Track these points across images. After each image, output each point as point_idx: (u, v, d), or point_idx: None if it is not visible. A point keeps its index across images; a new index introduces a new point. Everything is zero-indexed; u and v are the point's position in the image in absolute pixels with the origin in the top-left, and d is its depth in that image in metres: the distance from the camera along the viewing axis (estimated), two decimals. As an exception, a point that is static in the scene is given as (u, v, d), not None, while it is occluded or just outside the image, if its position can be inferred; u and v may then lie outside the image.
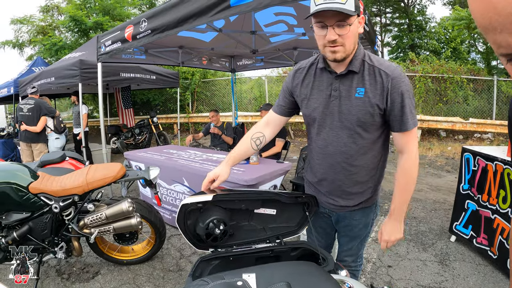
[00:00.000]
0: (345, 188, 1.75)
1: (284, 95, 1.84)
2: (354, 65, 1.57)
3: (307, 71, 1.74)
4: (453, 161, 8.24)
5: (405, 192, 1.67)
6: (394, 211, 1.71)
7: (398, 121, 1.57)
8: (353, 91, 1.58)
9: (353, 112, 1.58)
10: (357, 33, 1.52)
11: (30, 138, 6.32)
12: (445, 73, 11.36)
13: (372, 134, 1.64)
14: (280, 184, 4.02)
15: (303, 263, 1.27)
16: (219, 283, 1.00)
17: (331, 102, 1.63)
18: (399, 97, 1.53)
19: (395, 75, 1.53)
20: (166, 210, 4.37)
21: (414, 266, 3.34)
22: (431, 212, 4.83)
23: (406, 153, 1.63)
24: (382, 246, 1.78)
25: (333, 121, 1.65)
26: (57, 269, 3.34)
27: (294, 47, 6.03)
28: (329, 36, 1.45)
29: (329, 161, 1.73)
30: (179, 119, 10.10)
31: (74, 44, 13.09)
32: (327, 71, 1.65)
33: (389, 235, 1.73)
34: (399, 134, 1.61)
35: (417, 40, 20.09)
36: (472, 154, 3.59)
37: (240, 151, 1.84)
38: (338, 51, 1.49)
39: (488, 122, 10.38)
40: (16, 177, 2.76)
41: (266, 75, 14.08)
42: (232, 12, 2.76)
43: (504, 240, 3.08)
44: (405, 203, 1.69)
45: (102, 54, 4.77)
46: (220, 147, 5.86)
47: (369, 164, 1.71)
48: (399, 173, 1.67)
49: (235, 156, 1.82)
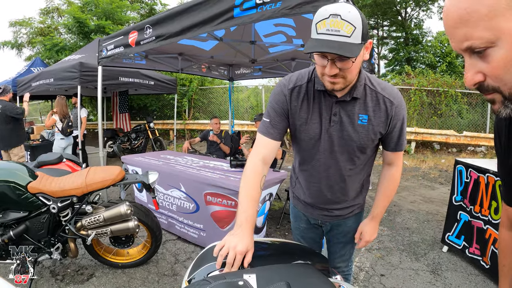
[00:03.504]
0: (341, 202, 1.81)
1: (281, 118, 1.61)
2: (358, 92, 1.49)
3: (305, 92, 1.57)
4: (446, 174, 8.33)
5: (388, 199, 1.82)
6: (378, 215, 1.83)
7: (395, 143, 1.63)
8: (355, 118, 1.52)
9: (355, 138, 1.54)
10: (361, 62, 1.42)
11: (4, 144, 6.01)
12: (440, 86, 11.49)
13: (368, 154, 1.68)
14: (275, 193, 4.07)
15: (302, 265, 1.31)
16: (221, 283, 1.04)
17: (331, 127, 1.55)
18: (399, 122, 1.55)
19: (398, 102, 1.51)
20: (162, 215, 4.39)
21: (407, 275, 3.39)
22: (424, 223, 4.89)
23: (396, 166, 1.76)
24: (361, 245, 1.87)
25: (332, 146, 1.59)
26: (52, 270, 3.35)
27: (292, 58, 6.11)
28: (329, 71, 1.33)
29: (327, 183, 1.71)
30: (176, 125, 10.12)
31: (75, 46, 13.11)
32: (327, 94, 1.52)
33: (370, 236, 1.84)
34: (392, 153, 1.70)
35: (413, 54, 20.33)
36: (464, 166, 3.66)
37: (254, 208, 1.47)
38: (338, 82, 1.38)
39: (481, 135, 10.51)
40: (15, 176, 2.79)
41: (263, 84, 14.19)
42: (235, 23, 2.83)
43: (496, 250, 3.13)
44: (386, 207, 1.86)
45: (103, 58, 4.82)
46: (216, 155, 5.89)
47: (362, 179, 1.79)
48: (388, 181, 1.79)
49: (253, 216, 1.44)
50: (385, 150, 1.71)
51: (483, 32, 0.54)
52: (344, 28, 1.21)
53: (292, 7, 2.49)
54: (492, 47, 0.55)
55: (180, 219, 4.14)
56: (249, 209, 1.44)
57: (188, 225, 4.05)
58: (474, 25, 0.55)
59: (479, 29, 0.54)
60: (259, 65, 6.96)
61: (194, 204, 3.90)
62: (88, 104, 15.03)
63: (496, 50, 0.55)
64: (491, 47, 0.55)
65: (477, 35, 0.55)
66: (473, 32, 0.55)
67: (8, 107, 5.85)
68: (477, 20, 0.54)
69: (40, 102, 18.72)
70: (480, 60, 0.58)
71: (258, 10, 2.64)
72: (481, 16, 0.53)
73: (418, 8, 21.74)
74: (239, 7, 2.74)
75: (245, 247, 1.29)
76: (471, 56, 0.60)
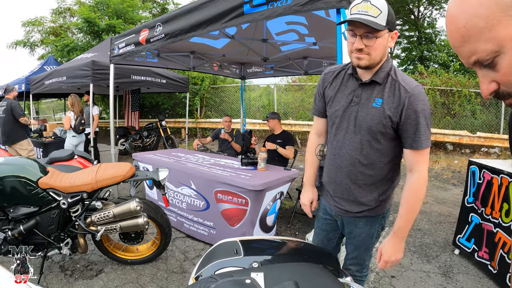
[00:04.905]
0: (350, 192, 1.80)
1: (319, 98, 1.95)
2: (379, 76, 1.65)
3: (337, 74, 1.85)
4: (459, 175, 8.21)
5: (411, 212, 1.65)
6: (399, 230, 1.68)
7: (411, 138, 1.60)
8: (371, 100, 1.67)
9: (367, 119, 1.66)
10: (386, 46, 1.59)
11: (10, 140, 6.35)
12: (454, 86, 11.33)
13: (381, 145, 1.67)
14: (286, 192, 4.05)
15: (310, 265, 1.29)
16: (228, 280, 1.03)
17: (350, 107, 1.73)
18: (414, 114, 1.56)
19: (413, 93, 1.57)
20: (171, 212, 4.40)
21: (418, 277, 3.34)
22: (436, 224, 4.82)
23: (416, 173, 1.63)
24: (380, 266, 1.74)
25: (349, 125, 1.74)
26: (61, 265, 3.38)
27: (304, 56, 6.07)
28: (356, 44, 1.55)
29: (339, 163, 1.82)
30: (187, 124, 10.15)
31: (86, 45, 13.23)
32: (354, 78, 1.74)
33: (389, 256, 1.69)
34: (410, 152, 1.63)
35: (426, 53, 20.07)
36: (478, 166, 3.60)
37: (312, 170, 2.07)
38: (363, 58, 1.58)
39: (495, 136, 10.32)
40: (25, 171, 2.81)
41: (275, 83, 14.11)
42: (246, 20, 2.81)
43: (505, 254, 3.07)
44: (410, 222, 1.67)
45: (115, 56, 4.85)
46: (228, 153, 5.89)
47: (376, 174, 1.74)
48: (407, 192, 1.65)
49: (311, 176, 2.07)
50: (404, 149, 1.68)
51: (486, 44, 0.56)
52: (372, 10, 1.48)
53: (303, 3, 2.47)
54: (498, 55, 0.57)
55: (190, 217, 4.15)
56: (307, 171, 2.07)
57: (198, 223, 4.05)
58: (476, 39, 0.57)
59: (482, 42, 0.56)
60: (271, 64, 6.93)
61: (205, 202, 3.90)
62: (100, 102, 15.15)
63: (503, 58, 0.57)
64: (497, 56, 0.57)
65: (481, 49, 0.57)
66: (477, 46, 0.57)
67: (14, 104, 6.25)
68: (477, 34, 0.56)
69: (53, 100, 18.93)
70: (490, 70, 0.60)
71: (269, 6, 2.63)
72: (480, 29, 0.56)
73: (431, 6, 21.44)
74: (249, 3, 2.73)
75: (307, 199, 2.03)
76: (481, 68, 0.61)
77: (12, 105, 6.23)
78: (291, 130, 11.67)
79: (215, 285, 0.99)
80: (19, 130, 6.39)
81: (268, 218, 3.78)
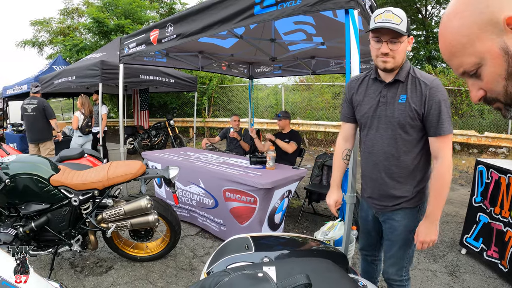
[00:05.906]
0: (386, 186, 1.95)
1: (347, 105, 2.14)
2: (401, 75, 1.85)
3: (362, 81, 2.05)
4: (466, 175, 8.18)
5: (439, 197, 1.80)
6: (430, 214, 1.82)
7: (434, 126, 1.76)
8: (397, 98, 1.86)
9: (396, 115, 1.85)
10: (405, 50, 1.81)
11: (37, 138, 6.50)
12: (462, 86, 11.27)
13: (411, 136, 1.84)
14: (294, 190, 4.08)
15: (321, 260, 1.33)
16: (241, 274, 1.06)
17: (379, 107, 1.92)
18: (436, 104, 1.75)
19: (433, 85, 1.78)
20: (183, 209, 4.46)
21: (424, 276, 3.35)
22: (443, 224, 4.82)
23: (440, 158, 1.78)
24: (418, 247, 1.89)
25: (379, 123, 1.93)
26: (71, 262, 3.43)
27: (312, 56, 6.07)
28: (383, 49, 1.76)
29: (373, 160, 1.99)
30: (195, 123, 10.20)
31: (95, 45, 13.32)
32: (378, 81, 1.94)
33: (425, 236, 1.84)
34: (434, 139, 1.79)
35: (434, 52, 19.91)
36: (485, 166, 3.60)
37: (339, 173, 2.22)
38: (389, 61, 1.78)
39: (503, 136, 10.24)
40: (37, 169, 2.86)
41: (283, 83, 14.11)
42: (255, 20, 2.84)
43: (515, 253, 3.08)
44: (440, 207, 1.82)
45: (125, 56, 4.90)
46: (236, 152, 5.93)
47: (409, 164, 1.89)
48: (433, 178, 1.83)
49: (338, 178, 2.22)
50: (429, 137, 1.82)
51: (470, 58, 0.65)
52: (394, 19, 1.69)
53: (312, 4, 2.50)
54: (480, 66, 0.65)
55: (201, 213, 4.20)
56: (334, 174, 2.22)
57: (209, 219, 4.10)
58: (461, 54, 0.66)
59: (466, 56, 0.65)
60: (279, 63, 6.94)
61: (213, 200, 3.94)
62: (108, 101, 15.24)
63: (484, 69, 0.65)
64: (480, 67, 0.65)
65: (466, 62, 0.66)
66: (463, 60, 0.66)
67: (46, 105, 6.45)
68: (462, 49, 0.65)
69: (61, 99, 19.05)
70: (477, 79, 0.68)
71: (279, 7, 2.66)
72: (463, 45, 0.64)
73: (439, 5, 21.25)
74: (260, 5, 2.76)
75: (332, 200, 2.17)
76: (469, 78, 0.70)
77: (45, 104, 6.42)
78: (298, 129, 11.68)
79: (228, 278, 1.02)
80: (47, 130, 6.57)
81: (276, 216, 3.82)
